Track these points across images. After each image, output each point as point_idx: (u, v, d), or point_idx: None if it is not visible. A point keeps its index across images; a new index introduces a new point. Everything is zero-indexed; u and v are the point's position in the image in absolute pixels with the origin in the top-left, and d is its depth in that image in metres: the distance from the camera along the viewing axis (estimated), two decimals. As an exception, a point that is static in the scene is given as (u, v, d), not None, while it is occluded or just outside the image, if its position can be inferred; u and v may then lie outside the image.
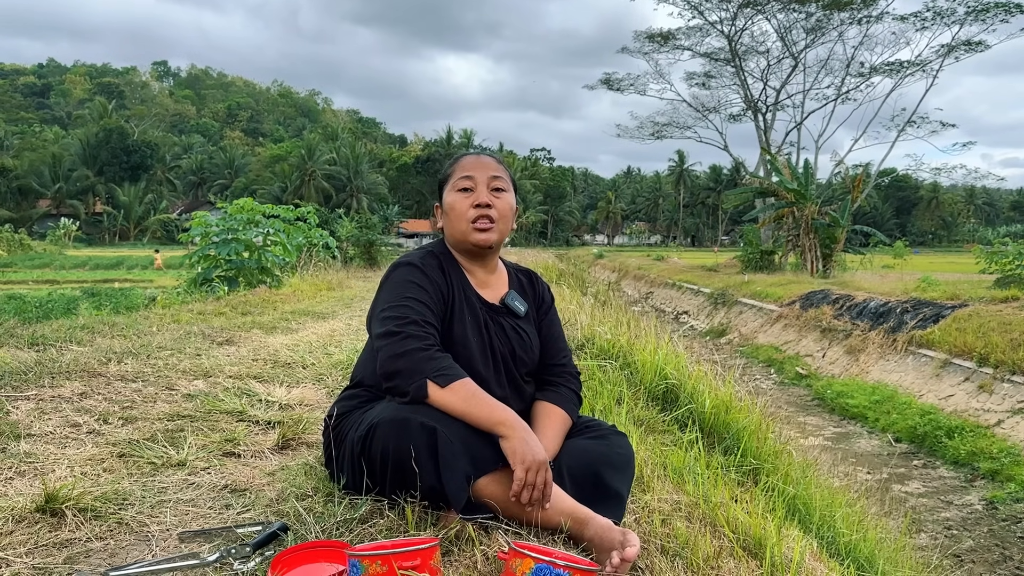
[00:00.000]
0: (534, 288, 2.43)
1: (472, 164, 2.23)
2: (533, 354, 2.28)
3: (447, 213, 2.23)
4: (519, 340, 2.24)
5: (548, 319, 2.40)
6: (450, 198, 2.22)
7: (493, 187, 2.21)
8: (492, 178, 2.21)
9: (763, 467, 3.64)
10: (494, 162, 2.27)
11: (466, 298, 2.19)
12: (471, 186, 2.19)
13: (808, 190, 22.55)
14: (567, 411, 2.21)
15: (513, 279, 2.39)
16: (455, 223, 2.20)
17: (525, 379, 2.25)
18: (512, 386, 2.20)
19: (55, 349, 4.12)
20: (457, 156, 2.31)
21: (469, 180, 2.19)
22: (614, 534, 1.75)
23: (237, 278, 10.27)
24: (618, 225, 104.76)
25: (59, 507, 1.92)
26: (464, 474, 1.81)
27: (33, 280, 27.11)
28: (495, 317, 2.23)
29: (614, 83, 42.29)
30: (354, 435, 1.99)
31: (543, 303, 2.42)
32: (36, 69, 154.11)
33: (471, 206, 2.17)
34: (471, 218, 2.17)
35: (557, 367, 2.33)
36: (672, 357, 4.50)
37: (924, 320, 11.43)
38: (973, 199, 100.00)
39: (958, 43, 33.57)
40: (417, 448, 1.78)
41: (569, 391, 2.28)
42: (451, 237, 2.25)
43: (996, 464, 7.40)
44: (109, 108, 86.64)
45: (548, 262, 23.41)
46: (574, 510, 1.84)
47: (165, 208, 76.47)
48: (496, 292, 2.30)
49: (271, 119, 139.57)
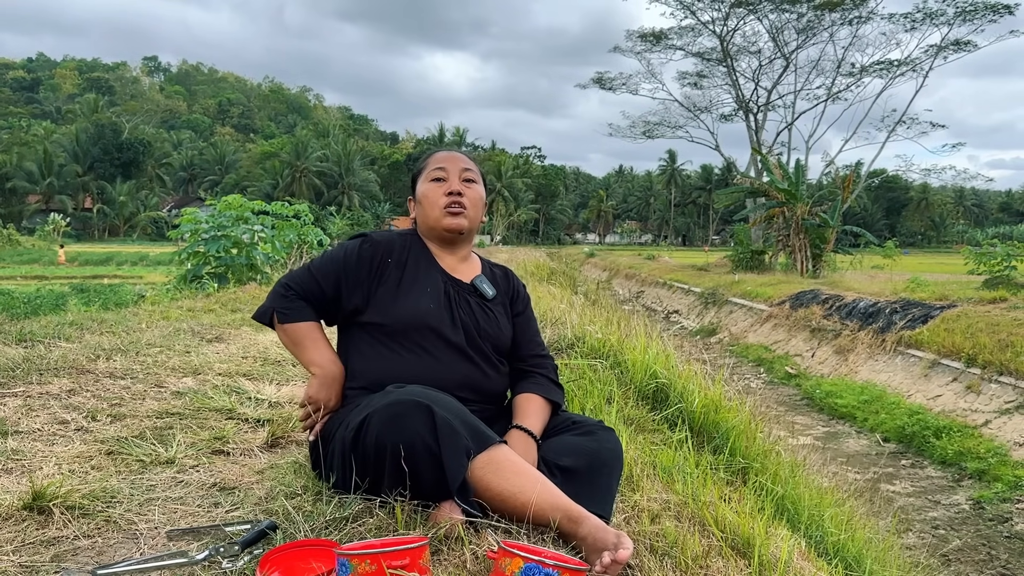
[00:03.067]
0: (508, 282, 2.49)
1: (444, 158, 2.37)
2: (501, 334, 2.32)
3: (420, 202, 2.35)
4: (484, 317, 2.30)
5: (524, 316, 2.46)
6: (423, 188, 2.34)
7: (464, 178, 2.33)
8: (463, 170, 2.34)
9: (752, 466, 3.65)
10: (465, 158, 2.40)
11: (427, 271, 2.28)
12: (444, 176, 2.32)
13: (799, 190, 22.62)
14: (545, 397, 2.27)
15: (486, 270, 2.46)
16: (428, 210, 2.31)
17: (495, 363, 2.29)
18: (482, 357, 2.24)
19: (43, 345, 4.09)
20: (430, 152, 2.44)
21: (442, 171, 2.32)
22: (608, 535, 1.73)
23: (226, 275, 10.23)
24: (609, 224, 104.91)
25: (47, 505, 1.91)
26: (464, 448, 1.80)
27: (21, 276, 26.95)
28: (461, 293, 2.30)
29: (606, 82, 42.29)
30: (344, 433, 1.99)
31: (518, 296, 2.48)
32: (25, 63, 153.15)
33: (443, 194, 2.29)
34: (443, 204, 2.28)
35: (533, 357, 2.39)
36: (662, 356, 4.51)
37: (913, 320, 11.49)
38: (962, 200, 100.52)
39: (947, 44, 33.76)
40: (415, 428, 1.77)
41: (544, 378, 2.34)
42: (423, 225, 2.35)
43: (983, 464, 7.45)
44: (99, 103, 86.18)
45: (540, 260, 23.41)
46: (568, 507, 1.81)
47: (155, 204, 76.10)
48: (465, 275, 2.37)
49: (262, 115, 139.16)
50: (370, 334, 2.21)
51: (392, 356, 2.17)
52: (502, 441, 1.93)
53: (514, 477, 1.84)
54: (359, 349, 2.23)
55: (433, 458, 1.76)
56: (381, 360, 2.18)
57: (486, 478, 1.83)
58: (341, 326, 2.33)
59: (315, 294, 2.24)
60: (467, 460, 1.81)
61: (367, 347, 2.21)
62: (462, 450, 1.79)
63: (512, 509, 1.83)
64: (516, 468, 1.86)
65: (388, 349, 2.18)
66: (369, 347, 2.20)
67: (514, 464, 1.87)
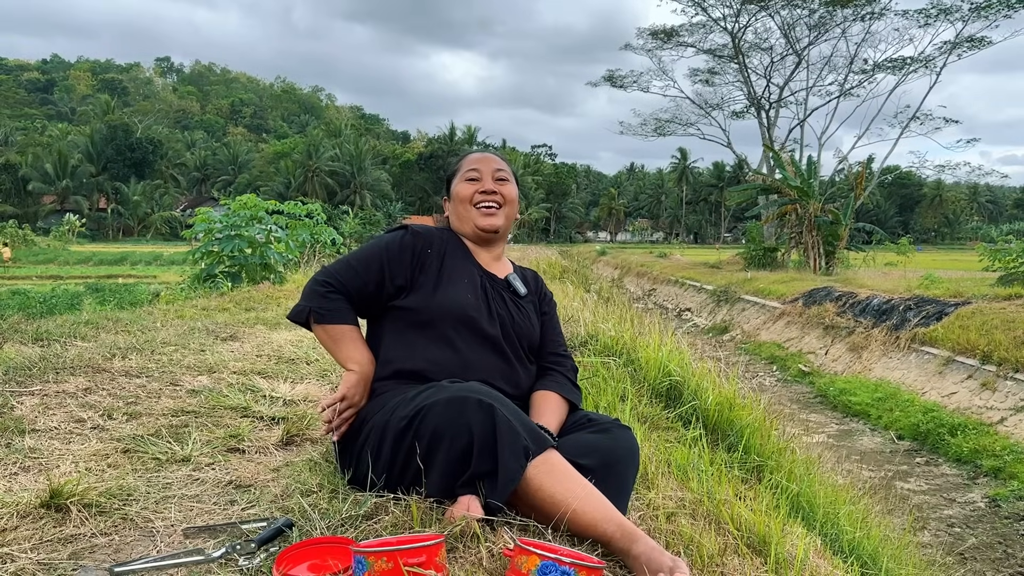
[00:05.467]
0: (537, 284, 2.54)
1: (478, 159, 2.41)
2: (532, 330, 2.36)
3: (454, 201, 2.39)
4: (518, 312, 2.34)
5: (550, 316, 2.50)
6: (458, 187, 2.37)
7: (497, 177, 2.37)
8: (496, 170, 2.38)
9: (766, 464, 3.64)
10: (498, 158, 2.44)
11: (464, 264, 2.31)
12: (478, 176, 2.36)
13: (811, 187, 22.50)
14: (562, 394, 2.27)
15: (516, 270, 2.51)
16: (462, 210, 2.36)
17: (525, 359, 2.31)
18: (513, 351, 2.26)
19: (59, 345, 4.12)
20: (464, 153, 2.49)
21: (475, 171, 2.36)
22: (663, 558, 1.65)
23: (240, 274, 10.28)
24: (621, 222, 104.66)
25: (64, 503, 1.92)
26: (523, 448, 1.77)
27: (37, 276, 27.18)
28: (496, 288, 2.34)
29: (617, 80, 42.18)
30: (385, 418, 1.98)
31: (545, 298, 2.53)
32: (40, 65, 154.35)
33: (477, 192, 2.34)
34: (477, 202, 2.34)
35: (555, 356, 2.42)
36: (675, 354, 4.50)
37: (927, 318, 11.41)
38: (976, 197, 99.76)
39: (961, 40, 33.47)
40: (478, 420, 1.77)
41: (562, 376, 2.36)
42: (458, 224, 2.40)
43: (999, 462, 7.40)
44: (112, 104, 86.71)
45: (551, 259, 23.38)
46: (623, 520, 1.75)
47: (169, 204, 76.55)
48: (500, 273, 2.41)
49: (275, 115, 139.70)
50: (405, 322, 2.22)
51: (426, 345, 2.18)
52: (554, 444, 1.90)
53: (568, 482, 1.79)
54: (392, 337, 2.23)
55: (489, 454, 1.75)
56: (414, 348, 2.18)
57: (539, 479, 1.78)
58: (373, 316, 2.32)
59: (355, 286, 2.22)
60: (526, 461, 1.77)
61: (400, 335, 2.21)
62: (521, 450, 1.77)
63: (561, 515, 1.76)
64: (568, 474, 1.82)
65: (423, 338, 2.18)
66: (401, 335, 2.21)
67: (567, 469, 1.83)
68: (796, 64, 37.88)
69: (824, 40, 37.16)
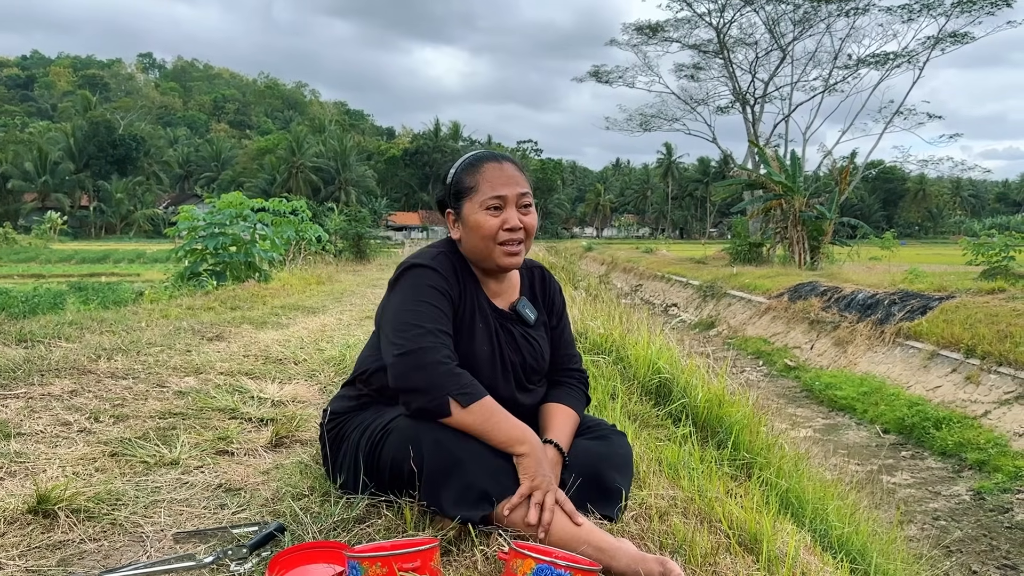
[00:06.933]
0: (545, 289, 2.34)
1: (500, 180, 2.06)
2: (543, 362, 2.23)
3: (471, 230, 2.06)
4: (529, 349, 2.17)
5: (560, 325, 2.34)
6: (477, 217, 2.05)
7: (522, 204, 2.08)
8: (521, 195, 2.07)
9: (756, 461, 3.65)
10: (519, 174, 2.11)
11: (478, 305, 2.10)
12: (501, 205, 2.05)
13: (796, 182, 22.61)
14: (576, 409, 2.18)
15: (524, 281, 2.30)
16: (480, 244, 2.06)
17: (535, 384, 2.22)
18: (520, 389, 2.16)
19: (44, 346, 4.08)
20: (474, 162, 2.11)
21: (500, 200, 2.04)
22: (650, 564, 1.63)
23: (225, 272, 10.21)
24: (607, 217, 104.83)
25: (52, 508, 1.90)
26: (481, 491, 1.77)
27: (18, 274, 26.91)
28: (505, 325, 2.16)
29: (603, 76, 42.28)
30: (358, 436, 1.98)
31: (554, 305, 2.35)
32: (20, 61, 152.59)
33: (501, 228, 2.04)
34: (501, 240, 2.04)
35: (566, 370, 2.31)
36: (665, 351, 4.51)
37: (912, 312, 11.49)
38: (959, 191, 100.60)
39: (944, 35, 33.73)
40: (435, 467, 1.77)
41: (578, 391, 2.27)
42: (472, 254, 2.11)
43: (983, 455, 7.46)
44: (93, 101, 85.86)
45: (539, 255, 23.38)
46: (601, 540, 1.71)
47: (151, 201, 75.96)
48: (507, 299, 2.22)
49: (258, 111, 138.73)
50: None
51: None
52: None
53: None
54: None
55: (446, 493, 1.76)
56: None
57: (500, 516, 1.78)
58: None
59: (448, 331, 1.98)
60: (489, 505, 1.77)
61: None
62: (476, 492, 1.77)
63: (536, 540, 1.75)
64: None
65: None
66: None
67: None
68: (781, 59, 38.12)
69: (808, 35, 37.47)
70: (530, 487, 1.77)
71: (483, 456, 1.81)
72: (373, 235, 23.63)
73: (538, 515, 1.73)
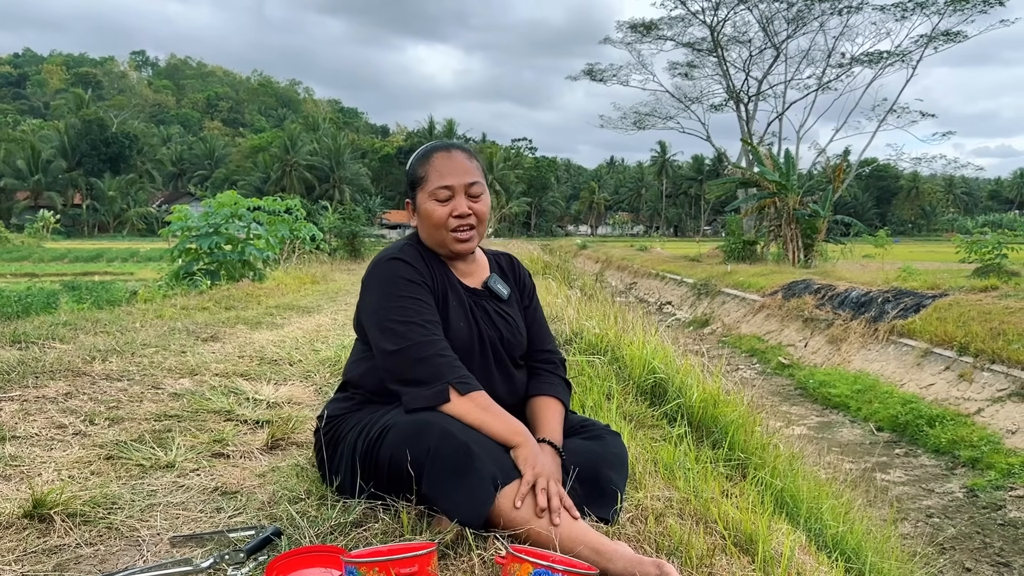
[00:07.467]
0: (514, 272, 2.41)
1: (448, 169, 2.13)
2: (521, 337, 2.27)
3: (423, 219, 2.15)
4: (506, 324, 2.23)
5: (532, 307, 2.40)
6: (427, 206, 2.13)
7: (471, 193, 2.14)
8: (469, 185, 2.13)
9: (751, 460, 3.66)
10: (469, 162, 2.16)
11: (451, 286, 2.16)
12: (449, 195, 2.11)
13: (790, 180, 22.65)
14: (561, 399, 2.22)
15: (493, 264, 2.37)
16: (433, 232, 2.15)
17: (517, 364, 2.25)
18: (503, 374, 2.19)
19: (37, 347, 4.07)
20: (426, 152, 2.19)
21: (447, 190, 2.11)
22: (647, 567, 1.64)
23: (219, 272, 10.19)
24: (601, 215, 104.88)
25: (47, 512, 1.90)
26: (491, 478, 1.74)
27: (11, 273, 26.79)
28: (479, 302, 2.21)
29: (597, 74, 42.27)
30: (354, 437, 1.98)
31: (525, 287, 2.41)
32: (11, 59, 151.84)
33: (450, 215, 2.11)
34: (451, 227, 2.12)
35: (543, 352, 2.34)
36: (660, 351, 4.51)
37: (905, 310, 11.53)
38: (952, 189, 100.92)
39: (937, 33, 33.82)
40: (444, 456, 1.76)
41: (559, 379, 2.30)
42: (428, 241, 2.19)
43: (976, 452, 7.49)
44: (86, 99, 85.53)
45: (534, 254, 23.37)
46: (598, 542, 1.71)
47: (145, 200, 75.70)
48: (477, 278, 2.27)
49: (251, 109, 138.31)
50: None
51: None
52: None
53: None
54: None
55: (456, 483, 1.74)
56: None
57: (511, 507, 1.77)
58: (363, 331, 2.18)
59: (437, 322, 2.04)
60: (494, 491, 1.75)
61: None
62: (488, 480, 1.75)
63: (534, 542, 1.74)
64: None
65: None
66: None
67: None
68: (774, 57, 38.18)
69: (802, 34, 37.53)
70: (533, 475, 1.80)
71: (489, 445, 1.83)
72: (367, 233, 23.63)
73: (547, 500, 1.75)
